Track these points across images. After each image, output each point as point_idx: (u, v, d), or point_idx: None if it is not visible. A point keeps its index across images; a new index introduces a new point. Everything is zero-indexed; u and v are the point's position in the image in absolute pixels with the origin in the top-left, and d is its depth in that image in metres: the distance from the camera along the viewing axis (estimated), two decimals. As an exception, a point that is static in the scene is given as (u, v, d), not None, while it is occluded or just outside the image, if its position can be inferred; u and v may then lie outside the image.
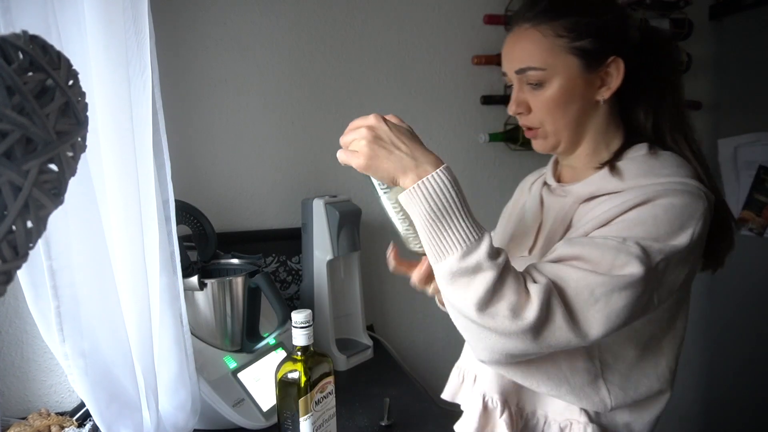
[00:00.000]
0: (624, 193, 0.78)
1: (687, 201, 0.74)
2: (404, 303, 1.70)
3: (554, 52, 0.79)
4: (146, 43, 0.85)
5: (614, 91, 0.81)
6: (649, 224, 0.72)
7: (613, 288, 0.68)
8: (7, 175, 0.28)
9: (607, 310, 0.68)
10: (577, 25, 0.78)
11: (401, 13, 1.61)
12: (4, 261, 0.28)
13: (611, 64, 0.80)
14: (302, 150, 1.54)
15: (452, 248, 0.68)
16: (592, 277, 0.68)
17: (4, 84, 0.28)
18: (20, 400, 1.21)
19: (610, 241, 0.70)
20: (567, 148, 0.87)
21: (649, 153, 0.82)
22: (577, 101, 0.82)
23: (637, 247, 0.69)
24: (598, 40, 0.79)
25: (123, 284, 0.87)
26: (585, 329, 0.68)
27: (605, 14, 0.80)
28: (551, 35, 0.79)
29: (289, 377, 0.88)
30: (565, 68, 0.80)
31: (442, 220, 0.68)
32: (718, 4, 1.89)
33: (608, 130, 0.86)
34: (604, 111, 0.84)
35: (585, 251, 0.71)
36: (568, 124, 0.83)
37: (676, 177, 0.77)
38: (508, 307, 0.66)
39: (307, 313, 0.88)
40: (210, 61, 1.43)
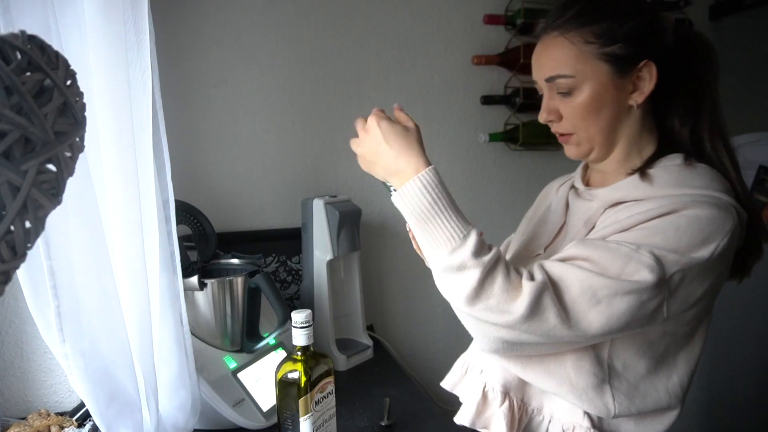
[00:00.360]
0: (651, 201, 0.77)
1: (714, 215, 0.72)
2: (404, 303, 1.70)
3: (583, 59, 0.78)
4: (146, 43, 0.85)
5: (647, 95, 0.80)
6: (669, 234, 0.71)
7: (617, 291, 0.68)
8: (6, 175, 0.28)
9: (608, 311, 0.68)
10: (605, 31, 0.77)
11: (401, 13, 1.61)
12: (2, 261, 0.28)
13: (643, 68, 0.78)
14: (302, 150, 1.54)
15: (439, 246, 0.72)
16: (597, 278, 0.69)
17: (3, 84, 0.28)
18: (20, 400, 1.21)
19: (623, 247, 0.70)
20: (600, 155, 0.85)
21: (685, 164, 0.80)
22: (609, 107, 0.80)
23: (650, 256, 0.69)
24: (628, 45, 0.77)
25: (123, 284, 0.87)
26: (583, 327, 0.69)
27: (635, 18, 0.78)
28: (580, 42, 0.78)
29: (289, 377, 0.88)
30: (595, 74, 0.79)
31: (427, 221, 0.72)
32: (718, 4, 1.89)
33: (641, 136, 0.84)
34: (638, 116, 0.83)
35: (596, 254, 0.71)
36: (601, 130, 0.82)
37: (708, 190, 0.76)
38: (496, 302, 0.69)
39: (307, 313, 0.88)
40: (210, 62, 1.43)
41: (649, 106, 0.83)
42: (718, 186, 0.77)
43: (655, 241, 0.70)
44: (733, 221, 0.73)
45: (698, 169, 0.79)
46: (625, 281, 0.68)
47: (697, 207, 0.72)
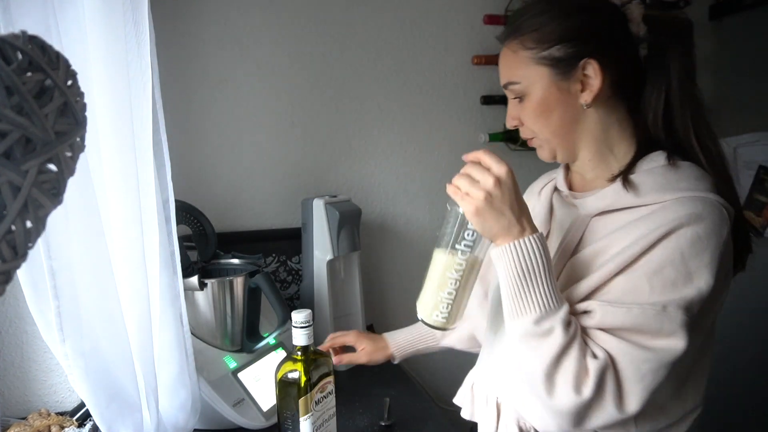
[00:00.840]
0: (640, 210, 0.76)
1: (710, 227, 0.71)
2: (404, 303, 1.70)
3: (525, 64, 0.80)
4: (146, 43, 0.85)
5: (597, 93, 0.78)
6: (678, 266, 0.70)
7: (660, 365, 0.69)
8: (7, 175, 0.28)
9: (651, 386, 0.69)
10: (543, 35, 0.78)
11: (401, 13, 1.61)
12: (3, 261, 0.28)
13: (587, 67, 0.77)
14: (302, 150, 1.54)
15: (530, 310, 0.72)
16: (639, 352, 0.69)
17: (3, 84, 0.28)
18: (20, 399, 1.21)
19: (648, 310, 0.69)
20: (566, 156, 0.85)
21: (668, 164, 0.78)
22: (557, 109, 0.80)
23: (678, 311, 0.69)
24: (566, 46, 0.77)
25: (123, 284, 0.88)
26: (626, 405, 0.70)
27: (570, 19, 0.78)
28: (521, 49, 0.80)
29: (289, 377, 0.88)
30: (538, 78, 0.79)
31: (526, 281, 0.72)
32: (718, 4, 1.89)
33: (609, 135, 0.82)
34: (598, 115, 0.81)
35: (627, 321, 0.70)
36: (555, 132, 0.82)
37: (695, 191, 0.74)
38: (571, 377, 0.69)
39: (307, 313, 0.88)
40: (210, 61, 1.43)
41: (613, 103, 0.81)
42: (704, 185, 0.76)
43: (671, 291, 0.70)
44: (726, 224, 0.73)
45: (682, 168, 0.78)
46: (663, 350, 0.69)
47: (694, 223, 0.71)
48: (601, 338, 0.71)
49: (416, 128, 1.65)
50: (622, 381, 0.70)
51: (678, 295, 0.69)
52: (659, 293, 0.70)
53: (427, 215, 1.70)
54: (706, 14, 1.92)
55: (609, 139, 0.83)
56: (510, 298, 0.74)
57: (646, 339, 0.69)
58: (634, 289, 0.71)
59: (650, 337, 0.69)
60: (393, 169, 1.65)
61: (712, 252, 0.70)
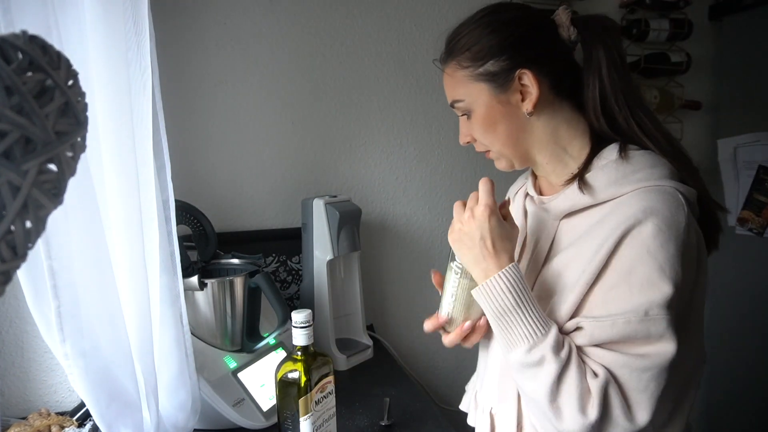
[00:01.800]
0: (601, 208, 0.77)
1: (667, 216, 0.71)
2: (404, 303, 1.70)
3: (464, 83, 0.83)
4: (146, 43, 0.85)
5: (536, 101, 0.80)
6: (647, 262, 0.70)
7: (659, 370, 0.70)
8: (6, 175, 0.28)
9: (657, 393, 0.70)
10: (475, 54, 0.81)
11: (401, 13, 1.61)
12: (3, 261, 0.28)
13: (522, 77, 0.80)
14: (302, 150, 1.54)
15: (519, 342, 0.74)
16: (636, 361, 0.70)
17: (3, 84, 0.28)
18: (20, 399, 1.21)
19: (632, 320, 0.70)
20: (522, 164, 0.87)
21: (620, 157, 0.78)
22: (502, 121, 0.82)
23: (661, 311, 0.69)
24: (499, 60, 0.79)
25: (123, 284, 0.88)
26: (636, 416, 0.70)
27: (498, 35, 0.80)
28: (459, 69, 0.83)
29: (289, 377, 0.88)
30: (479, 94, 0.82)
31: (506, 317, 0.75)
32: (718, 4, 1.89)
33: (559, 137, 0.83)
34: (543, 120, 0.83)
35: (615, 333, 0.70)
36: (505, 143, 0.84)
37: (650, 180, 0.75)
38: (575, 400, 0.70)
39: (307, 313, 0.88)
40: (210, 62, 1.43)
41: (557, 104, 0.82)
42: (659, 172, 0.76)
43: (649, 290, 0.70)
44: (682, 210, 0.73)
45: (635, 158, 0.78)
46: (658, 355, 0.69)
47: (650, 216, 0.71)
48: (598, 354, 0.72)
49: (416, 128, 1.65)
50: (627, 394, 0.70)
51: (656, 294, 0.69)
52: (638, 295, 0.70)
53: (427, 215, 1.70)
54: (706, 14, 1.92)
55: (560, 140, 0.84)
56: (499, 332, 0.77)
57: (638, 347, 0.70)
58: (614, 297, 0.72)
59: (641, 345, 0.70)
60: (393, 169, 1.65)
61: (676, 241, 0.71)
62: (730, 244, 1.89)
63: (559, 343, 0.72)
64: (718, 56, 1.94)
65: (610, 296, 0.72)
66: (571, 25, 0.81)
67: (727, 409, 1.98)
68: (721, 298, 1.97)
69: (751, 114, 1.82)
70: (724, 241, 0.87)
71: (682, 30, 1.82)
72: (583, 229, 0.78)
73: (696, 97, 1.91)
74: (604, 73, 0.80)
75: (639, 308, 0.69)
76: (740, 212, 1.84)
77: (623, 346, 0.71)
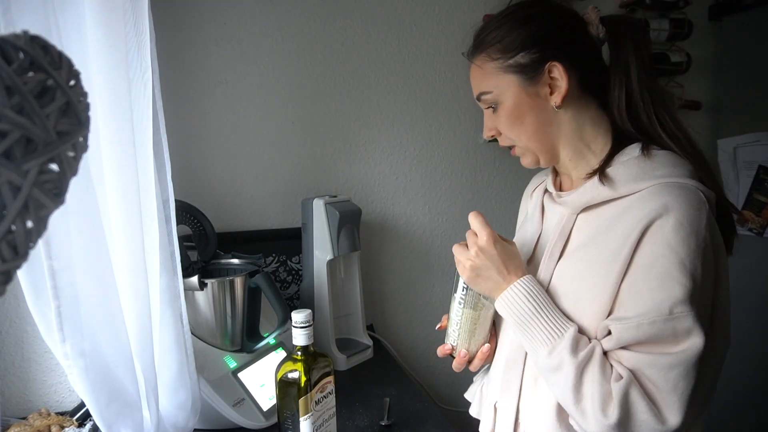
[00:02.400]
0: (620, 203, 0.78)
1: (689, 211, 0.71)
2: (404, 303, 1.70)
3: (494, 75, 0.83)
4: (146, 43, 0.85)
5: (565, 94, 0.81)
6: (668, 256, 0.70)
7: (687, 367, 0.69)
8: (7, 175, 0.28)
9: (687, 392, 0.69)
10: (506, 46, 0.82)
11: (401, 14, 1.61)
12: (3, 261, 0.28)
13: (552, 70, 0.80)
14: (302, 150, 1.54)
15: (540, 346, 0.77)
16: (662, 359, 0.70)
17: (4, 84, 0.28)
18: (20, 399, 1.21)
19: (657, 321, 0.69)
20: (547, 159, 0.87)
21: (642, 154, 0.79)
22: (530, 113, 0.83)
23: (685, 308, 0.69)
24: (530, 52, 0.80)
25: (123, 284, 0.87)
26: (667, 418, 0.69)
27: (529, 27, 0.81)
28: (488, 61, 0.84)
29: (289, 377, 0.88)
30: (508, 86, 0.83)
31: (527, 323, 0.78)
32: (718, 4, 1.89)
33: (584, 133, 0.84)
34: (570, 115, 0.83)
35: (641, 335, 0.70)
36: (531, 137, 0.84)
37: (671, 177, 0.76)
38: (597, 402, 0.71)
39: (307, 313, 0.88)
40: (210, 62, 1.43)
41: (584, 100, 0.84)
42: (680, 171, 0.77)
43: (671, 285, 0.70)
44: (704, 207, 0.73)
45: (657, 156, 0.79)
46: (685, 351, 0.69)
47: (671, 210, 0.71)
48: (624, 356, 0.72)
49: (416, 128, 1.65)
50: (654, 395, 0.70)
51: (678, 290, 0.69)
52: (660, 291, 0.70)
53: (427, 215, 1.70)
54: (706, 14, 1.92)
55: (584, 136, 0.85)
56: (523, 339, 0.79)
57: (666, 348, 0.70)
58: (637, 295, 0.72)
59: (669, 345, 0.70)
60: (393, 169, 1.65)
61: (696, 236, 0.71)
62: (729, 244, 1.89)
63: (576, 343, 0.73)
64: (718, 56, 1.94)
65: (634, 294, 0.72)
66: (600, 23, 0.83)
67: (727, 409, 1.98)
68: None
69: (751, 114, 1.82)
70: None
71: (682, 30, 1.82)
72: (602, 222, 0.79)
73: (696, 97, 1.91)
74: (633, 72, 0.81)
75: (663, 307, 0.69)
76: (740, 212, 1.84)
77: (651, 346, 0.71)
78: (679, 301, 0.69)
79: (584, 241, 0.81)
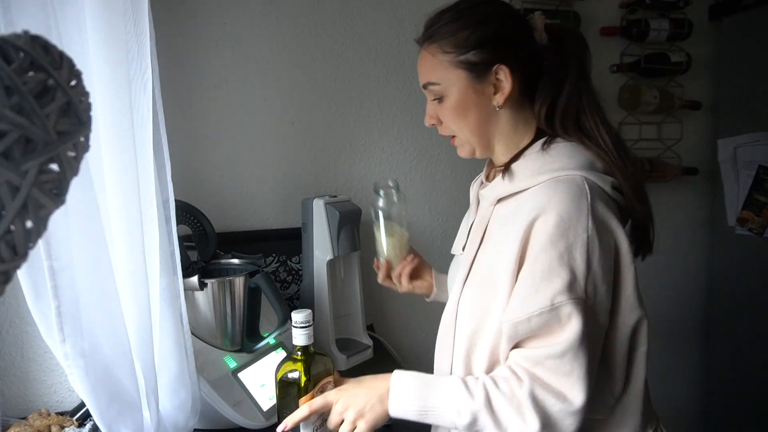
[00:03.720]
0: (519, 197, 0.83)
1: (569, 205, 0.75)
2: (404, 303, 1.70)
3: (444, 67, 0.86)
4: (147, 43, 0.85)
5: (507, 96, 0.84)
6: (549, 250, 0.75)
7: (575, 350, 0.74)
8: (5, 175, 0.28)
9: (581, 372, 0.74)
10: (460, 41, 0.84)
11: (401, 13, 1.61)
12: (2, 261, 0.28)
13: (499, 72, 0.83)
14: (302, 150, 1.54)
15: (448, 415, 0.78)
16: (551, 350, 0.74)
17: (3, 84, 0.28)
18: (20, 399, 1.21)
19: (544, 313, 0.74)
20: (483, 152, 0.91)
21: (542, 148, 0.84)
22: (474, 109, 0.86)
23: (564, 297, 0.74)
24: (480, 52, 0.83)
25: (123, 284, 0.87)
26: (572, 400, 0.74)
27: (484, 27, 0.84)
28: (440, 53, 0.86)
29: (289, 377, 0.88)
30: (456, 81, 0.86)
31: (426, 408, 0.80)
32: (718, 4, 1.89)
33: (517, 131, 0.89)
34: (508, 114, 0.88)
35: (529, 329, 0.76)
36: (473, 131, 0.88)
37: (564, 170, 0.80)
38: (514, 417, 0.75)
39: (307, 313, 0.88)
40: (210, 62, 1.43)
41: (521, 102, 0.87)
42: (575, 162, 0.81)
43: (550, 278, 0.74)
44: (585, 199, 0.76)
45: (554, 150, 0.83)
46: (568, 337, 0.73)
47: (554, 206, 0.76)
48: (521, 356, 0.77)
49: (416, 128, 1.65)
50: (555, 383, 0.75)
51: (558, 282, 0.74)
52: (543, 285, 0.74)
53: (427, 215, 1.70)
54: (705, 14, 1.92)
55: (518, 135, 0.89)
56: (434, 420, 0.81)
57: (555, 337, 0.75)
58: (524, 290, 0.76)
59: (555, 334, 0.75)
60: (393, 169, 1.65)
61: (576, 228, 0.75)
62: (730, 244, 1.89)
63: (467, 389, 0.77)
64: (718, 56, 1.94)
65: (522, 289, 0.77)
66: (544, 30, 0.87)
67: (727, 409, 1.98)
68: (721, 298, 1.97)
69: (751, 114, 1.82)
70: (724, 241, 0.88)
71: (682, 30, 1.82)
72: (506, 214, 0.84)
73: (696, 97, 1.91)
74: (567, 83, 0.85)
75: (546, 299, 0.74)
76: (740, 212, 1.84)
77: (543, 339, 0.76)
78: (558, 291, 0.74)
79: (495, 231, 0.86)
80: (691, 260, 2.02)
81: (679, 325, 2.04)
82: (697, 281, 2.03)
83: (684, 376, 2.08)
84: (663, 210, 1.97)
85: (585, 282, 0.75)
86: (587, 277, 0.75)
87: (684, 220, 2.01)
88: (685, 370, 2.08)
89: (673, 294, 2.00)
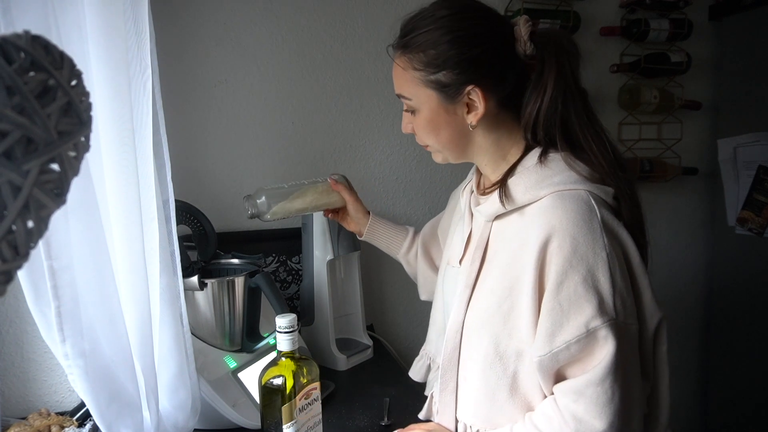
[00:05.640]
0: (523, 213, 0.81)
1: (581, 225, 0.74)
2: (404, 303, 1.70)
3: (414, 84, 0.83)
4: (146, 43, 0.85)
5: (481, 116, 0.81)
6: (571, 275, 0.73)
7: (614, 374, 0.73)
8: (7, 175, 0.28)
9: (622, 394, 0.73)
10: (430, 59, 0.80)
11: (401, 14, 1.60)
12: (4, 261, 0.28)
13: (471, 93, 0.80)
14: (302, 150, 1.54)
15: None
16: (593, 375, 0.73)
17: (4, 84, 0.28)
18: (20, 399, 1.21)
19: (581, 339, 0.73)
20: (458, 160, 0.89)
21: (539, 161, 0.81)
22: (446, 128, 0.84)
23: (598, 321, 0.72)
24: (452, 73, 0.79)
25: (123, 284, 0.87)
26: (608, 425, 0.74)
27: (457, 48, 0.79)
28: (410, 68, 0.82)
29: (273, 383, 0.86)
30: (426, 99, 0.83)
31: None
32: (718, 4, 1.89)
33: (499, 145, 0.86)
34: (485, 131, 0.85)
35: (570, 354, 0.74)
36: (445, 146, 0.87)
37: (566, 184, 0.78)
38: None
39: (292, 317, 0.87)
40: (210, 62, 1.43)
41: (501, 117, 0.84)
42: (575, 175, 0.78)
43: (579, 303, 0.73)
44: (594, 213, 0.75)
45: (553, 162, 0.80)
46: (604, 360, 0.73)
47: (566, 226, 0.74)
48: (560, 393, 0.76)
49: (416, 128, 1.65)
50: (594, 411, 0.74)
51: (589, 308, 0.73)
52: (569, 310, 0.73)
53: (428, 215, 1.69)
54: (706, 14, 1.92)
55: (501, 148, 0.86)
56: None
57: (592, 359, 0.74)
58: (554, 319, 0.75)
59: (594, 355, 0.74)
60: (393, 169, 1.65)
61: (594, 249, 0.74)
62: (730, 244, 1.89)
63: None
64: (718, 56, 1.94)
65: (552, 320, 0.74)
66: (528, 40, 0.81)
67: (727, 409, 1.98)
68: (721, 298, 1.97)
69: (751, 114, 1.82)
70: (724, 241, 0.88)
71: (682, 30, 1.82)
72: (510, 233, 0.82)
73: (696, 97, 1.91)
74: (548, 94, 0.80)
75: (580, 326, 0.73)
76: (740, 212, 1.84)
77: (583, 363, 0.75)
78: (591, 317, 0.72)
79: (499, 249, 0.83)
80: (691, 260, 2.02)
81: (679, 324, 2.04)
82: (697, 281, 2.03)
83: (684, 376, 2.08)
84: (663, 210, 1.97)
85: (613, 300, 0.73)
86: (614, 295, 0.74)
87: (684, 220, 2.01)
88: (684, 369, 2.08)
89: (673, 294, 2.00)
